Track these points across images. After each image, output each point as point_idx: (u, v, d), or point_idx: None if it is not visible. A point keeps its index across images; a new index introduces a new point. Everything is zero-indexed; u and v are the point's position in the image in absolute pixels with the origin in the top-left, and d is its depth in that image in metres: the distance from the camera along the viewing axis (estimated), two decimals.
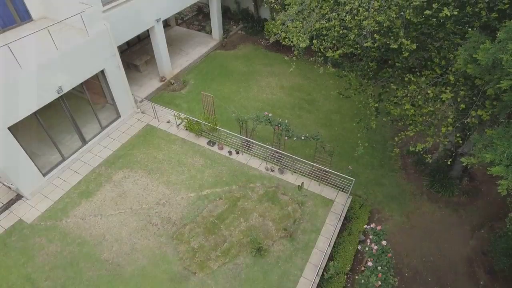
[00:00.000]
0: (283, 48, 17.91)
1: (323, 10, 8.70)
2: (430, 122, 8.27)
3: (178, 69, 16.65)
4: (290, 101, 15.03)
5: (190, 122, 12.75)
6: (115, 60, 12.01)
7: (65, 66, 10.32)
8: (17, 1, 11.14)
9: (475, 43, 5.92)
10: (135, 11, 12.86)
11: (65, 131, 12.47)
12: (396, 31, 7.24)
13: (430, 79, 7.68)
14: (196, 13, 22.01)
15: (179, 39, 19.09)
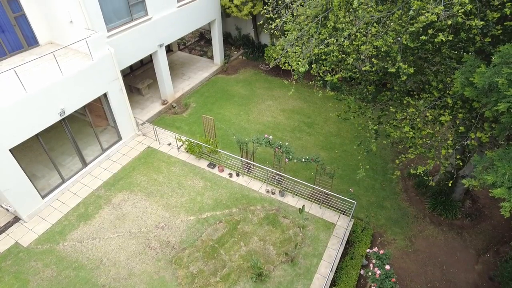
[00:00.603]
0: (283, 73, 18.28)
1: (322, 36, 8.95)
2: (430, 145, 8.29)
3: (180, 92, 16.91)
4: (290, 124, 15.16)
5: (191, 145, 12.80)
6: (117, 84, 12.23)
7: (69, 89, 10.50)
8: (25, 27, 11.50)
9: (471, 67, 6.05)
10: (139, 37, 13.23)
11: (66, 153, 12.50)
12: (393, 55, 7.41)
13: (429, 102, 7.78)
14: (198, 39, 22.62)
15: (181, 64, 19.52)
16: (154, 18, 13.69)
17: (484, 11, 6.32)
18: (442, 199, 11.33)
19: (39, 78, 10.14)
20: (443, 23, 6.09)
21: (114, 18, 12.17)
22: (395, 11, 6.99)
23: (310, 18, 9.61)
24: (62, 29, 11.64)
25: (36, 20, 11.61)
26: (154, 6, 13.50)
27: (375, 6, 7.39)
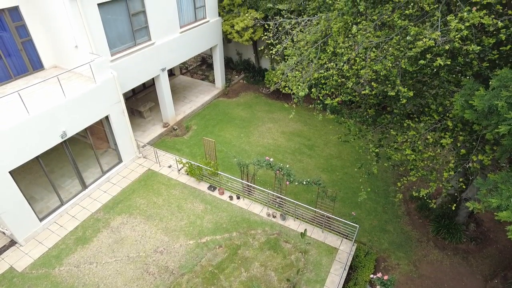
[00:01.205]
0: (283, 96, 18.52)
1: (321, 61, 9.13)
2: (431, 167, 8.27)
3: (181, 115, 17.05)
4: (290, 146, 15.18)
5: (192, 167, 12.76)
6: (119, 107, 12.35)
7: (71, 111, 10.59)
8: (31, 52, 11.75)
9: (470, 90, 6.14)
10: (142, 61, 13.50)
11: (66, 175, 12.44)
12: (393, 79, 7.53)
13: (429, 124, 7.83)
14: (200, 63, 23.08)
15: (183, 87, 19.81)
16: (157, 43, 14.02)
17: (480, 37, 6.47)
18: (446, 222, 11.16)
19: (42, 100, 10.25)
20: (441, 48, 6.23)
21: (118, 43, 12.47)
22: (393, 36, 7.17)
23: (310, 44, 9.84)
24: (66, 54, 11.90)
25: (42, 45, 11.88)
26: (157, 31, 13.87)
27: (373, 32, 7.58)
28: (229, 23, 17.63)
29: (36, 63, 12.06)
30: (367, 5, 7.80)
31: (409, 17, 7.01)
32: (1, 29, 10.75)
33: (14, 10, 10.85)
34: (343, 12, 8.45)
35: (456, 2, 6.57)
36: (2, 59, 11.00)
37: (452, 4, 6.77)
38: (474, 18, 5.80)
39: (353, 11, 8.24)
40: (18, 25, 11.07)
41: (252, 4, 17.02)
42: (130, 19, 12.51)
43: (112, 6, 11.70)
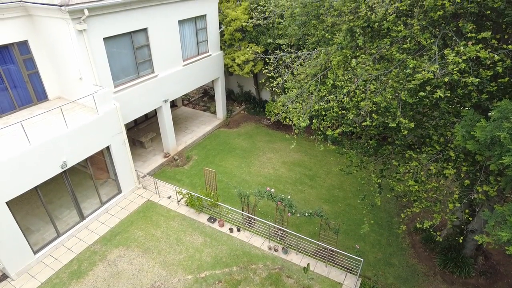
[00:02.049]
0: (284, 127, 18.67)
1: (322, 93, 9.27)
2: (435, 198, 8.14)
3: (182, 145, 17.09)
4: (292, 177, 15.07)
5: (191, 198, 12.58)
6: (121, 137, 12.40)
7: (72, 142, 10.61)
8: (37, 84, 11.99)
9: (471, 121, 6.17)
10: (145, 92, 13.73)
11: (64, 206, 12.24)
12: (393, 110, 7.59)
13: (431, 155, 7.80)
14: (202, 95, 23.50)
15: (185, 118, 20.02)
16: (160, 75, 14.34)
17: (477, 70, 6.61)
18: (453, 255, 10.82)
19: (44, 131, 10.31)
20: (440, 80, 6.34)
21: (122, 75, 12.76)
22: (392, 69, 7.33)
23: (310, 77, 10.04)
24: (71, 85, 12.13)
25: (47, 76, 12.15)
26: (161, 64, 14.24)
27: (372, 65, 7.76)
28: (230, 56, 18.15)
29: (41, 94, 12.27)
30: (365, 40, 8.05)
31: (407, 51, 7.20)
32: (10, 62, 11.03)
33: (23, 44, 11.20)
34: (342, 46, 8.71)
35: (452, 37, 6.77)
36: (8, 91, 11.20)
37: (448, 39, 6.98)
38: (470, 52, 5.96)
39: (352, 45, 8.48)
40: (26, 58, 11.39)
41: (253, 39, 17.61)
42: (134, 52, 12.88)
43: (117, 40, 12.09)
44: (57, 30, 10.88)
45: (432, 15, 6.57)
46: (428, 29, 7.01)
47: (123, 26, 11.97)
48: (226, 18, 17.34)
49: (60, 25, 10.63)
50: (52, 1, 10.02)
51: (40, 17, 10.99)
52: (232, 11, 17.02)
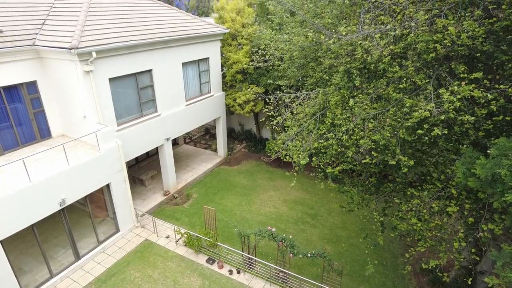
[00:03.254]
0: (284, 164, 18.69)
1: (321, 131, 9.42)
2: (440, 237, 7.95)
3: (182, 183, 17.01)
4: (293, 215, 14.81)
5: (190, 237, 12.28)
6: (121, 175, 12.39)
7: (73, 179, 10.59)
8: (41, 122, 12.23)
9: (470, 158, 6.21)
10: (147, 131, 13.94)
11: (60, 245, 11.91)
12: (392, 148, 7.67)
13: (433, 193, 7.75)
14: (204, 133, 23.82)
15: (186, 156, 20.12)
16: (163, 114, 14.65)
17: (472, 108, 6.78)
18: None
19: (45, 167, 10.33)
20: (436, 119, 6.48)
21: (125, 114, 13.03)
22: (389, 108, 7.51)
23: (309, 116, 10.26)
24: (74, 123, 12.36)
25: (52, 115, 12.42)
26: (164, 104, 14.60)
27: (370, 104, 7.97)
28: (232, 97, 18.67)
29: (45, 132, 12.46)
30: (362, 80, 8.33)
31: (403, 91, 7.43)
32: (17, 101, 11.35)
33: (32, 84, 11.60)
34: (340, 86, 9.01)
35: (446, 77, 7.02)
36: (13, 128, 11.39)
37: (442, 79, 7.23)
38: (464, 91, 6.15)
39: (349, 85, 8.77)
40: (33, 97, 11.73)
41: (253, 80, 18.21)
42: (138, 92, 13.27)
43: (123, 80, 12.51)
44: (65, 71, 11.31)
45: (426, 57, 6.87)
46: (422, 70, 7.29)
47: (129, 67, 12.45)
48: (228, 61, 18.07)
49: (68, 66, 11.07)
50: (62, 45, 10.53)
51: (50, 59, 11.48)
52: (233, 54, 17.77)
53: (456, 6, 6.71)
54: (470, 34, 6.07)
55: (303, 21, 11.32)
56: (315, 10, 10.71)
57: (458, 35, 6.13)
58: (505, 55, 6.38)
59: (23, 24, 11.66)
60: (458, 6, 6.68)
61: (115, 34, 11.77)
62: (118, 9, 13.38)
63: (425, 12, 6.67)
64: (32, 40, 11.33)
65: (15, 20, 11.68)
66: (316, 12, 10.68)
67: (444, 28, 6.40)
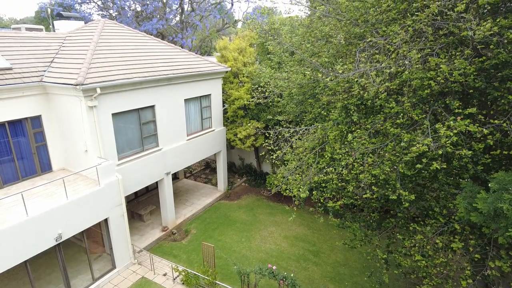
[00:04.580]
0: (285, 199, 18.50)
1: (320, 165, 9.46)
2: (446, 274, 7.70)
3: (181, 218, 16.74)
4: (294, 252, 14.40)
5: (188, 275, 11.88)
6: (120, 210, 12.24)
7: (71, 213, 10.45)
8: (43, 156, 12.31)
9: (471, 192, 6.19)
10: (147, 165, 13.97)
11: (53, 283, 11.48)
12: (393, 183, 7.67)
13: (436, 228, 7.63)
14: (204, 167, 23.82)
15: (186, 190, 19.97)
16: (164, 149, 14.77)
17: (469, 142, 6.86)
18: None
19: (43, 201, 10.25)
20: (435, 153, 6.54)
21: (127, 149, 13.14)
22: (388, 143, 7.60)
23: (308, 150, 10.36)
24: (76, 157, 12.43)
25: (54, 149, 12.52)
26: (166, 139, 14.77)
27: (368, 139, 8.07)
28: (232, 131, 18.92)
29: (46, 166, 12.50)
30: (360, 116, 8.52)
31: (400, 126, 7.57)
32: (21, 135, 11.51)
33: (36, 118, 11.83)
34: (338, 122, 9.18)
35: (441, 112, 7.18)
36: (14, 162, 11.45)
37: (438, 114, 7.39)
38: (460, 126, 6.27)
39: (347, 121, 8.95)
40: (37, 131, 11.90)
41: (254, 116, 18.56)
42: (140, 127, 13.48)
43: (125, 116, 12.76)
44: (69, 106, 11.59)
45: (421, 93, 7.08)
46: (418, 105, 7.48)
47: (132, 103, 12.76)
48: (229, 98, 18.53)
49: (73, 101, 11.36)
50: (68, 81, 10.88)
51: (55, 95, 11.80)
52: (235, 91, 18.27)
53: (447, 46, 7.02)
54: (462, 72, 6.30)
55: (301, 60, 11.80)
56: (312, 50, 11.19)
57: (450, 72, 6.37)
58: (497, 91, 6.58)
59: (33, 62, 12.13)
60: (449, 46, 6.99)
61: (120, 71, 12.20)
62: (124, 48, 13.97)
63: (418, 51, 6.98)
64: (40, 76, 11.73)
65: (26, 57, 12.17)
66: (314, 51, 11.16)
67: (437, 66, 6.66)
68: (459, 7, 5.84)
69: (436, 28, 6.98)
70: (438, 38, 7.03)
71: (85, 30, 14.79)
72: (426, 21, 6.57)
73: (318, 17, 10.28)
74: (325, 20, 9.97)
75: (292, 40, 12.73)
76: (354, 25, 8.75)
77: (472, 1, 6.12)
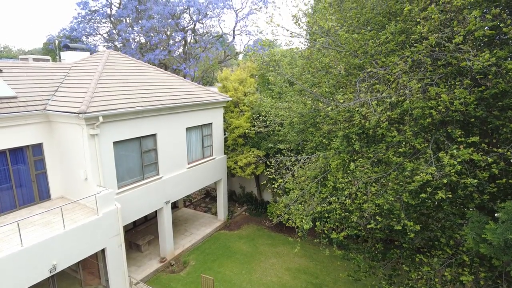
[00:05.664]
0: (287, 229, 18.09)
1: (323, 195, 9.33)
2: None
3: (180, 249, 16.29)
4: (296, 285, 13.87)
5: None
6: (118, 240, 11.93)
7: (67, 243, 10.16)
8: (42, 184, 12.19)
9: (478, 223, 6.05)
10: (147, 193, 13.79)
11: None
12: (397, 213, 7.52)
13: (443, 259, 7.38)
14: (204, 196, 23.54)
15: (185, 220, 19.60)
16: (164, 177, 14.65)
17: (474, 171, 6.80)
18: None
19: (40, 231, 10.00)
20: (439, 182, 6.46)
21: (127, 177, 13.03)
22: (390, 172, 7.54)
23: (310, 179, 10.27)
24: (75, 185, 12.29)
25: (54, 176, 12.42)
26: (166, 167, 14.69)
27: (371, 168, 8.01)
28: (233, 159, 18.88)
29: (44, 194, 12.34)
30: (361, 145, 8.51)
31: (403, 154, 7.54)
32: (21, 163, 11.46)
33: (38, 146, 11.83)
34: (340, 150, 9.17)
35: (444, 141, 7.18)
36: (12, 190, 11.32)
37: (440, 143, 7.38)
38: (463, 154, 6.24)
39: (349, 149, 8.94)
40: (37, 159, 11.86)
41: (255, 144, 18.60)
42: (141, 155, 13.46)
43: (127, 144, 12.77)
44: (71, 134, 11.63)
45: (422, 122, 7.11)
46: (420, 134, 7.49)
47: (134, 131, 12.81)
48: (230, 126, 18.68)
49: (75, 129, 11.41)
50: (72, 110, 10.99)
51: (58, 123, 11.88)
52: (235, 120, 18.44)
53: (446, 76, 7.15)
54: (462, 101, 6.36)
55: (302, 90, 11.99)
56: (312, 80, 11.39)
57: (451, 101, 6.43)
58: (498, 120, 6.61)
59: (37, 91, 12.33)
60: (448, 76, 7.12)
61: (123, 100, 12.36)
62: (127, 77, 14.25)
63: (418, 81, 7.09)
64: (44, 105, 11.86)
65: (31, 86, 12.38)
66: (314, 82, 11.36)
67: (437, 95, 6.74)
68: (457, 39, 6.00)
69: (435, 59, 7.14)
70: (437, 69, 7.17)
71: (90, 60, 15.18)
72: (425, 52, 6.73)
73: (318, 49, 10.55)
74: (325, 52, 10.23)
75: (293, 71, 13.00)
76: (354, 56, 8.97)
77: (469, 33, 6.30)
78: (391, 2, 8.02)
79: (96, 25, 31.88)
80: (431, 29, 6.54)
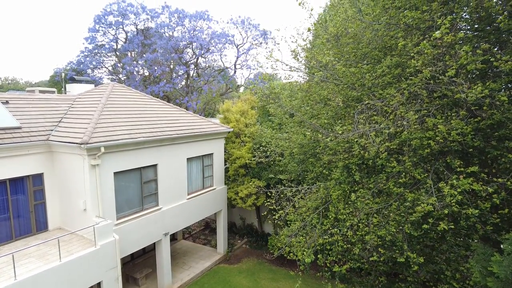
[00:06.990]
0: (288, 262, 17.58)
1: (325, 226, 9.20)
2: None
3: (178, 283, 15.76)
4: None
5: None
6: (115, 273, 11.59)
7: (63, 277, 9.86)
8: (40, 214, 12.06)
9: (484, 255, 5.92)
10: (146, 225, 13.58)
11: None
12: (399, 244, 7.38)
13: None
14: (204, 228, 23.11)
15: (184, 252, 19.12)
16: (164, 208, 14.49)
17: (475, 201, 6.75)
18: None
19: (35, 263, 9.76)
20: (440, 213, 6.40)
21: (126, 208, 12.90)
22: (392, 202, 7.49)
23: (311, 210, 10.17)
24: (73, 216, 12.14)
25: (52, 207, 12.31)
26: (166, 198, 14.58)
27: (372, 198, 7.98)
28: (233, 190, 18.76)
29: (42, 225, 12.16)
30: (362, 175, 8.52)
31: (403, 185, 7.52)
32: (20, 193, 11.42)
33: (38, 176, 11.84)
34: (340, 181, 9.16)
35: (443, 171, 7.19)
36: (10, 220, 11.18)
37: (440, 173, 7.39)
38: (463, 185, 6.23)
39: (349, 180, 8.93)
40: (37, 189, 11.82)
41: (255, 174, 18.56)
42: (141, 186, 13.41)
43: (127, 174, 12.76)
44: (72, 164, 11.67)
45: (421, 153, 7.17)
46: (420, 164, 7.52)
47: (135, 162, 12.85)
48: (231, 157, 18.75)
49: (76, 160, 11.46)
50: (74, 140, 11.11)
51: (59, 153, 11.96)
52: (236, 150, 18.56)
53: (442, 107, 7.30)
54: (459, 131, 6.46)
55: (301, 121, 12.17)
56: (311, 112, 11.61)
57: (448, 132, 6.52)
58: (496, 150, 6.66)
59: (41, 122, 12.54)
60: (444, 107, 7.27)
61: (125, 131, 12.52)
62: (130, 109, 14.53)
63: (415, 112, 7.24)
64: (47, 135, 12.01)
65: (35, 117, 12.61)
66: (313, 113, 11.57)
67: (434, 126, 6.84)
68: (450, 72, 6.20)
69: (431, 90, 7.33)
70: (433, 100, 7.34)
71: (95, 92, 15.56)
72: (420, 85, 6.93)
73: (317, 82, 10.84)
74: (323, 85, 10.51)
75: (292, 103, 13.27)
76: (351, 89, 9.21)
77: (461, 67, 6.52)
78: (386, 37, 8.37)
79: (102, 58, 33.01)
80: (425, 62, 6.77)
